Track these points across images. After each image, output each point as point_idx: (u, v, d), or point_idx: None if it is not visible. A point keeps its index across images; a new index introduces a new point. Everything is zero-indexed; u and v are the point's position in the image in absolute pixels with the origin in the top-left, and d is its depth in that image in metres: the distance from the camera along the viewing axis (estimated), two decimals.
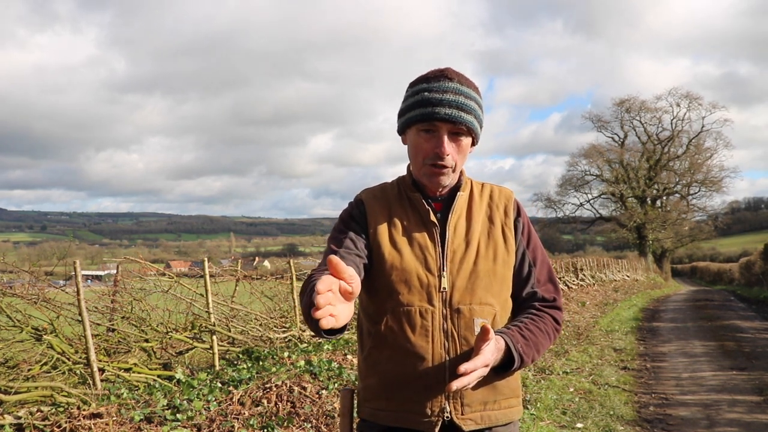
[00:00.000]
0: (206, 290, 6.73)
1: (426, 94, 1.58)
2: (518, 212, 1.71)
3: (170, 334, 6.29)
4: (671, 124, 44.00)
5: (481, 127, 1.65)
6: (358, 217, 1.68)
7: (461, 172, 1.70)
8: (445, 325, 1.56)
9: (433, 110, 1.56)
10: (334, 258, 1.20)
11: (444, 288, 1.58)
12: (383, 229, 1.64)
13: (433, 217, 1.64)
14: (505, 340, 1.52)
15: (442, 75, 1.60)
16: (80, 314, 5.21)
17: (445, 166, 1.60)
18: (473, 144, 1.66)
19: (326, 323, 1.16)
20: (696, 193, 44.68)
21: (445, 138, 1.58)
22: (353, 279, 1.22)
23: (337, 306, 1.20)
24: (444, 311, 1.57)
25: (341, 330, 1.34)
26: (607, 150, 44.62)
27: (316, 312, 1.15)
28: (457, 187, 1.68)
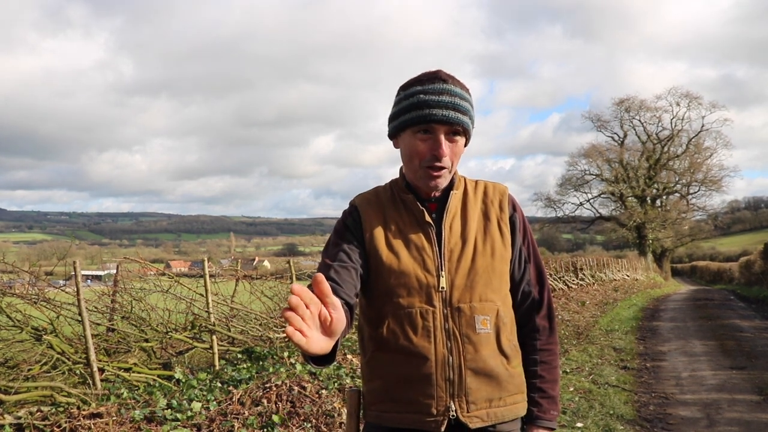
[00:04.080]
0: (206, 290, 6.72)
1: (422, 96, 1.57)
2: (514, 208, 1.72)
3: (170, 333, 6.29)
4: (671, 123, 44.01)
5: (473, 126, 1.66)
6: (353, 225, 1.68)
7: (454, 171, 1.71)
8: (446, 325, 1.57)
9: (430, 112, 1.56)
10: (320, 276, 1.08)
11: (443, 287, 1.58)
12: (379, 234, 1.64)
13: (428, 218, 1.64)
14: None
15: (435, 77, 1.59)
16: (80, 314, 5.22)
17: (442, 167, 1.60)
18: (465, 144, 1.67)
19: (291, 333, 1.02)
20: (696, 192, 44.68)
21: (443, 139, 1.58)
22: (336, 309, 1.11)
23: (312, 330, 1.07)
24: (444, 311, 1.58)
25: (328, 359, 1.30)
26: (607, 149, 44.64)
27: (286, 312, 1.03)
28: (450, 187, 1.68)
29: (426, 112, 1.56)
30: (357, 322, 1.76)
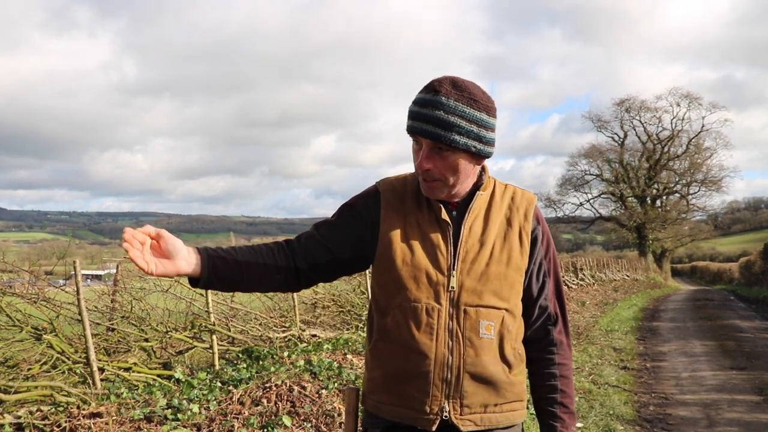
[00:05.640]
0: (206, 290, 6.72)
1: (413, 106, 1.57)
2: (538, 220, 1.69)
3: (170, 333, 6.29)
4: (671, 123, 43.92)
5: (479, 141, 1.55)
6: (364, 210, 1.68)
7: (484, 170, 1.68)
8: (450, 325, 1.56)
9: (411, 124, 1.56)
10: (128, 232, 1.46)
11: (452, 287, 1.57)
12: (396, 224, 1.63)
13: (444, 216, 1.61)
14: None
15: (431, 87, 1.55)
16: (80, 314, 5.21)
17: (430, 179, 1.58)
18: (478, 157, 1.59)
19: (134, 257, 1.43)
20: (696, 192, 44.62)
21: (427, 152, 1.55)
22: (162, 237, 1.49)
23: (147, 256, 1.47)
24: (450, 310, 1.56)
25: (204, 281, 1.55)
26: (607, 150, 44.61)
27: (123, 245, 1.43)
28: (477, 187, 1.65)
29: (409, 123, 1.56)
30: (369, 307, 1.75)
